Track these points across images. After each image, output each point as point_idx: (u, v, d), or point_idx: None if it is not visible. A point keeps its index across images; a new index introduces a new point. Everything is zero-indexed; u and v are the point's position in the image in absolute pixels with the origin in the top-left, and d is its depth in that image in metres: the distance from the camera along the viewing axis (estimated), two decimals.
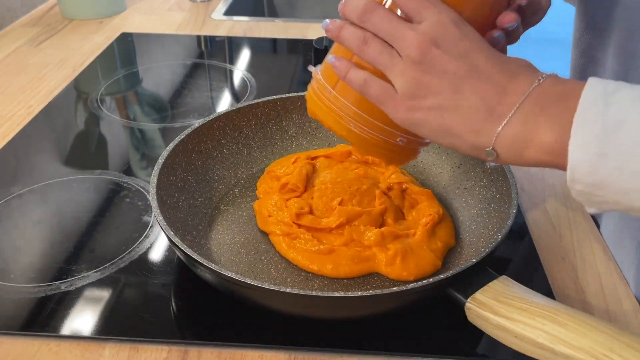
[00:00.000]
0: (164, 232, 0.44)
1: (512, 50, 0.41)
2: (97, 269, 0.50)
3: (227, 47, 0.99)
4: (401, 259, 0.48)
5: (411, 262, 0.48)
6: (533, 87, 0.34)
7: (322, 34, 0.64)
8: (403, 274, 0.47)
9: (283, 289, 0.39)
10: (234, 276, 0.40)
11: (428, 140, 0.42)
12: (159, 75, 0.88)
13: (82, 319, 0.45)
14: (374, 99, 0.38)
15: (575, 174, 0.32)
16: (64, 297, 0.47)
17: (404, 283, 0.46)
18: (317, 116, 0.43)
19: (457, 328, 0.44)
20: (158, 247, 0.53)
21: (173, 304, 0.47)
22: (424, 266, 0.48)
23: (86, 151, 0.68)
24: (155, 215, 0.45)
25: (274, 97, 0.62)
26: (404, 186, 0.56)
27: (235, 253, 0.51)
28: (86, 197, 0.59)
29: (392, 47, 0.37)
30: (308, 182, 0.56)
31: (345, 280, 0.48)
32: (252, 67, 0.91)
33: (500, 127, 0.34)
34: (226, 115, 0.60)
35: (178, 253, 0.45)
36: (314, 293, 0.39)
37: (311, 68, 0.43)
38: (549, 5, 0.40)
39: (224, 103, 0.80)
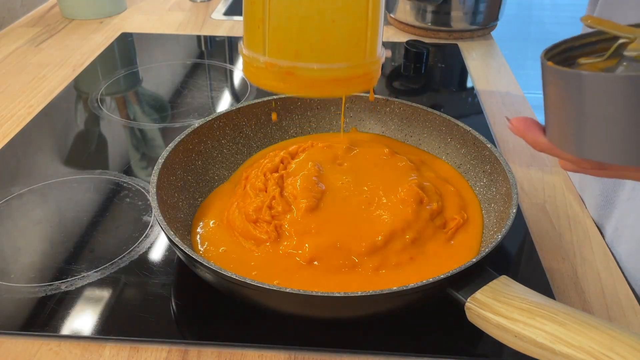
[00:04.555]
0: (164, 232, 0.44)
1: (513, 50, 0.41)
2: (97, 269, 0.50)
3: (227, 47, 0.99)
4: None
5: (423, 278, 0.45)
6: None
7: None
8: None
9: (283, 289, 0.39)
10: (234, 276, 0.40)
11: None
12: (159, 75, 0.88)
13: (82, 319, 0.45)
14: None
15: None
16: (64, 297, 0.47)
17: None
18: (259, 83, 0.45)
19: (457, 328, 0.44)
20: (158, 247, 0.53)
21: (173, 304, 0.47)
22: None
23: (86, 151, 0.68)
24: (155, 215, 0.45)
25: (274, 97, 0.62)
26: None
27: None
28: (86, 197, 0.59)
29: None
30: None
31: None
32: None
33: None
34: (226, 115, 0.60)
35: (178, 253, 0.44)
36: (314, 293, 0.39)
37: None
38: None
39: (224, 103, 0.80)
